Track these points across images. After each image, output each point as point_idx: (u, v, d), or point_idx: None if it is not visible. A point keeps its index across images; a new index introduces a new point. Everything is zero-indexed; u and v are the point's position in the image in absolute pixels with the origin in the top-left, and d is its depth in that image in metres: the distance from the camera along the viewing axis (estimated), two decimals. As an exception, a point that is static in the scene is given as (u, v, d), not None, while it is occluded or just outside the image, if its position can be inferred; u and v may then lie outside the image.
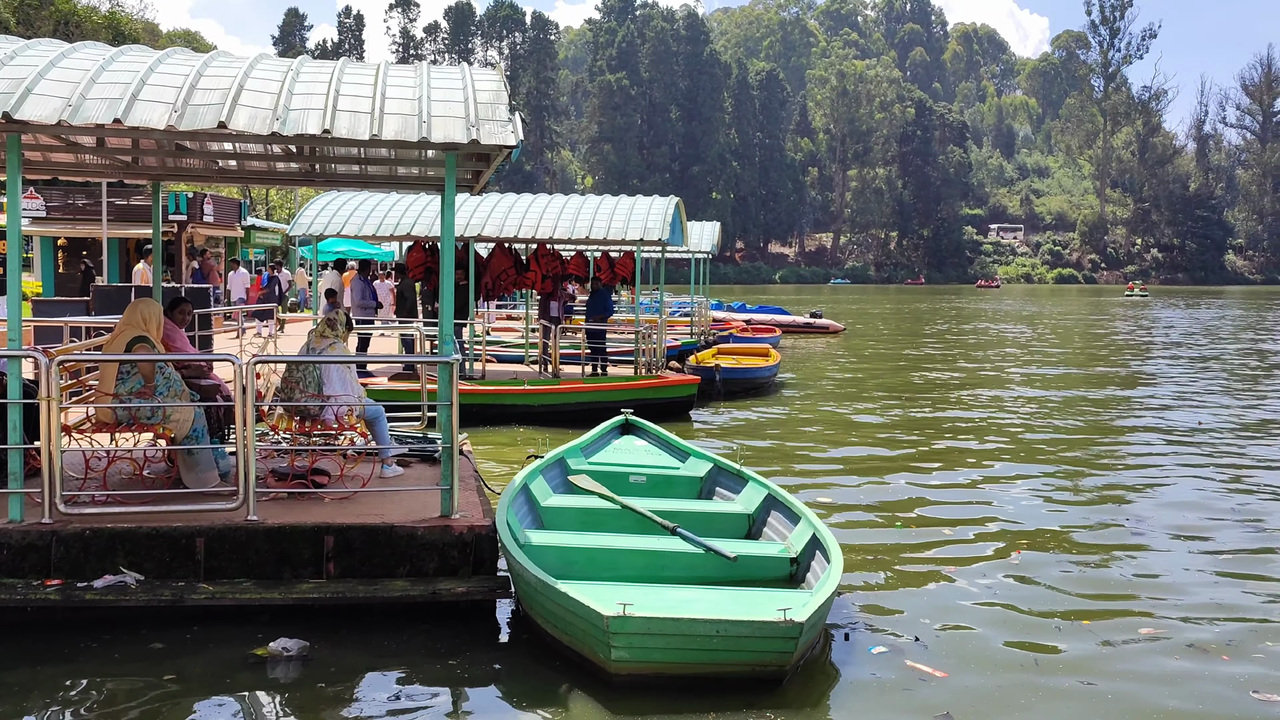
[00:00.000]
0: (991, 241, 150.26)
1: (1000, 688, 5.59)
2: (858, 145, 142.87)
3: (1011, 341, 34.44)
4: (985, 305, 66.04)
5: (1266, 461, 12.56)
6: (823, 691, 5.48)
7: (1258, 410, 17.41)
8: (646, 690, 5.31)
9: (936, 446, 13.43)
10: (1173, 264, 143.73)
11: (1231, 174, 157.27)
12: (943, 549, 8.40)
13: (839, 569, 6.11)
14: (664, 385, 15.40)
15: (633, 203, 16.76)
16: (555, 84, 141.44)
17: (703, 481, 8.54)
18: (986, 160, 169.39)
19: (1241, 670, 5.89)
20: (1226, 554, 8.37)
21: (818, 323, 36.91)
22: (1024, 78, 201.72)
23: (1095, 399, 18.87)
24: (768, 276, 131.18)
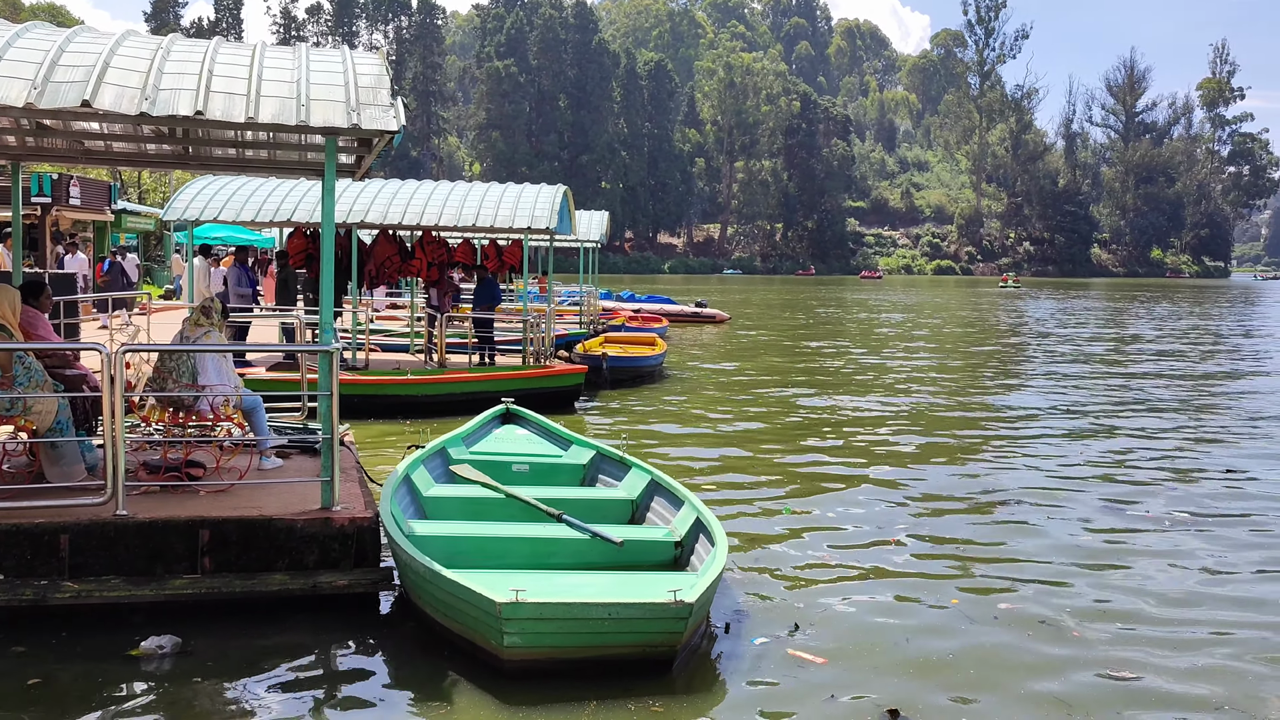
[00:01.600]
0: (873, 233, 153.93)
1: (876, 669, 5.75)
2: (744, 137, 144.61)
3: (893, 330, 35.37)
4: (868, 296, 67.66)
5: (1134, 445, 13.18)
6: (706, 681, 5.55)
7: (1126, 393, 18.25)
8: (538, 676, 5.33)
9: (820, 432, 13.71)
10: (1043, 256, 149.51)
11: (1097, 171, 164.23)
12: (824, 534, 8.59)
13: (724, 551, 6.23)
14: (551, 375, 15.37)
15: (520, 191, 16.65)
16: (442, 70, 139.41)
17: (585, 469, 8.59)
18: (869, 154, 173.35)
19: (1096, 648, 6.18)
20: (1092, 534, 8.76)
21: (704, 312, 37.29)
22: (905, 74, 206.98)
23: (973, 386, 19.51)
24: (656, 267, 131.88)
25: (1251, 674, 5.80)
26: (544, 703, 5.14)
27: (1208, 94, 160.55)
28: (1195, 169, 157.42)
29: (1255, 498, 10.24)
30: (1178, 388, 19.71)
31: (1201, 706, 5.35)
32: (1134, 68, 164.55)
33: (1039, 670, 5.80)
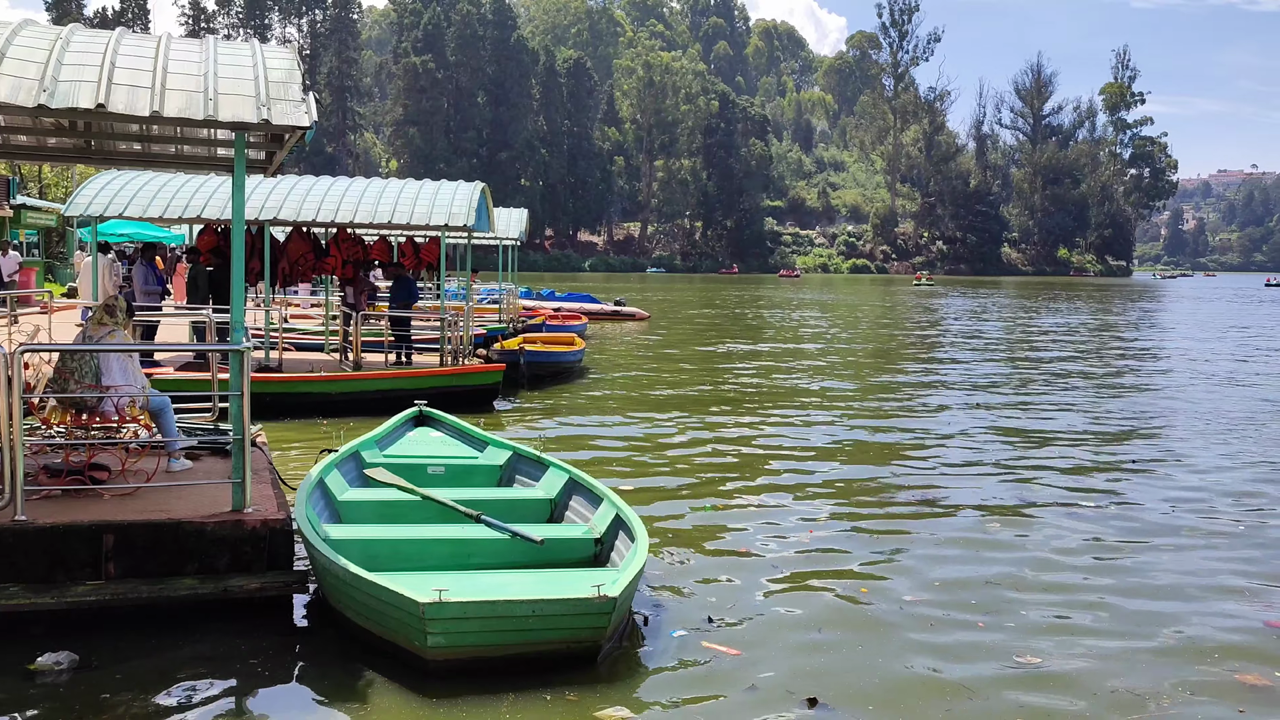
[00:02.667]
0: (791, 232, 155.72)
1: (790, 660, 5.84)
2: (664, 136, 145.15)
3: (812, 328, 35.84)
4: (787, 294, 68.44)
5: (1044, 438, 13.55)
6: (626, 674, 5.58)
7: (1035, 387, 18.76)
8: (461, 675, 5.32)
9: (740, 428, 13.85)
10: (956, 255, 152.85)
11: (1007, 172, 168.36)
12: (741, 528, 8.69)
13: (645, 547, 6.29)
14: (468, 373, 15.26)
15: (437, 187, 16.50)
16: (358, 65, 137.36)
17: (502, 469, 8.57)
18: (786, 154, 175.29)
19: (1002, 635, 6.35)
20: (1002, 526, 8.99)
21: (625, 310, 37.37)
22: (821, 75, 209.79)
23: (888, 382, 19.87)
24: (577, 265, 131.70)
25: (1144, 658, 6.02)
26: (463, 699, 5.13)
27: (1110, 98, 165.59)
28: (1099, 171, 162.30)
29: (1157, 488, 10.61)
30: (1084, 382, 20.32)
31: (1098, 689, 5.53)
32: (1041, 72, 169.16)
33: (945, 657, 5.94)
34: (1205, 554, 8.19)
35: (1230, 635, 6.37)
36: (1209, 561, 7.98)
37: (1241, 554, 8.20)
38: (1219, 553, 8.24)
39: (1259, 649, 6.15)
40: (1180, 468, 11.75)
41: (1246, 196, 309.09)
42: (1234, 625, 6.56)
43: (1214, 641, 6.26)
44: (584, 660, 5.53)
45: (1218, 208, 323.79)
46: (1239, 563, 7.96)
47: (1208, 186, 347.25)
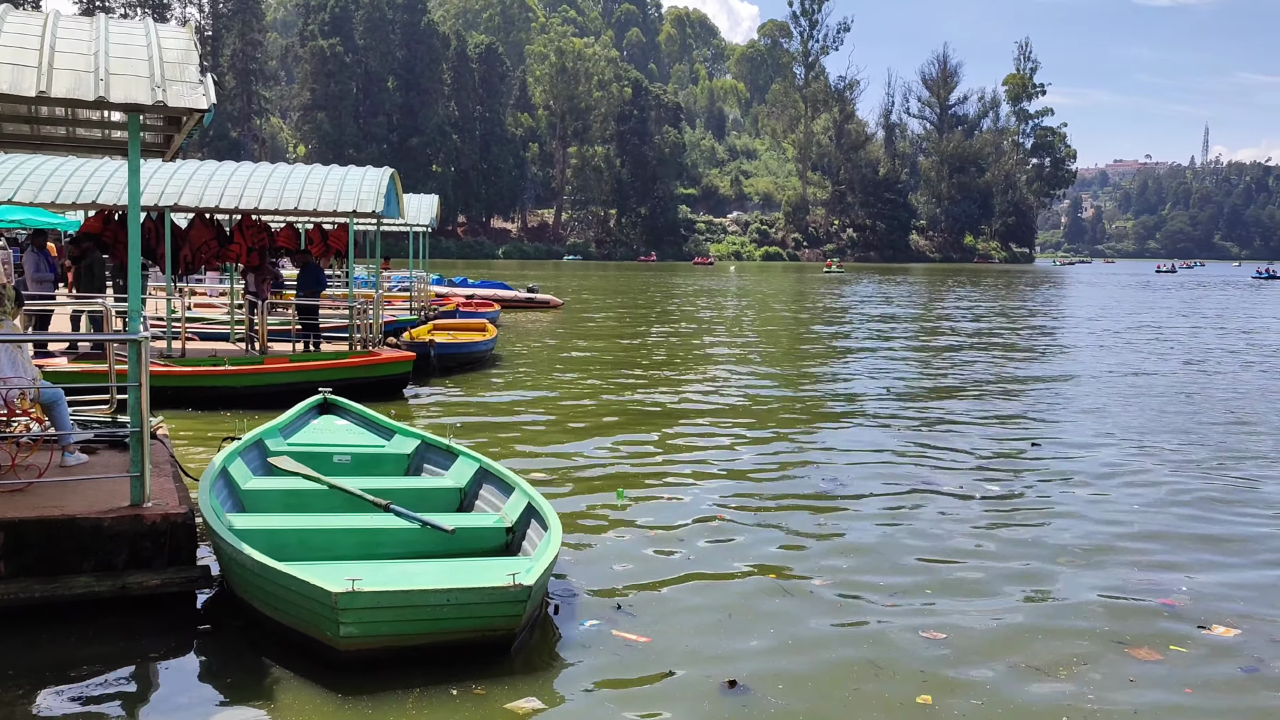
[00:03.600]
0: (704, 220, 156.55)
1: (702, 645, 5.89)
2: (577, 122, 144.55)
3: (724, 315, 36.11)
4: (701, 281, 68.85)
5: (949, 423, 13.86)
6: (537, 663, 5.58)
7: (940, 371, 19.19)
8: (371, 667, 5.27)
9: (653, 415, 13.90)
10: (866, 243, 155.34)
11: (914, 160, 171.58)
12: (652, 515, 8.72)
13: (558, 535, 6.28)
14: (377, 363, 15.03)
15: (345, 173, 16.19)
16: (263, 48, 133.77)
17: (410, 458, 8.48)
18: (699, 142, 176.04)
19: (910, 615, 6.50)
20: (908, 509, 9.18)
21: (538, 297, 37.19)
22: (733, 63, 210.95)
23: (798, 368, 20.13)
24: (490, 252, 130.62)
25: (1042, 633, 6.22)
26: (370, 693, 5.08)
27: (1013, 89, 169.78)
28: (1003, 160, 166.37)
29: (1057, 468, 10.94)
30: (987, 365, 20.85)
31: (999, 663, 5.70)
32: (946, 62, 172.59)
33: (856, 637, 6.07)
34: (1103, 533, 8.47)
35: (1124, 612, 6.61)
36: (1107, 540, 8.27)
37: (1138, 533, 8.51)
38: (1116, 531, 8.54)
39: (1151, 625, 6.39)
40: (1079, 448, 12.13)
41: (1141, 186, 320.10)
42: (1128, 603, 6.81)
43: (1108, 617, 6.49)
44: (497, 650, 5.52)
45: (1114, 196, 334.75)
46: (1135, 541, 8.25)
47: (1105, 176, 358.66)
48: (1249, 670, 5.71)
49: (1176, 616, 6.52)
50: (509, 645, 5.57)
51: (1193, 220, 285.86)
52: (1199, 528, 8.66)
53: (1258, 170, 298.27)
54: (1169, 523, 8.80)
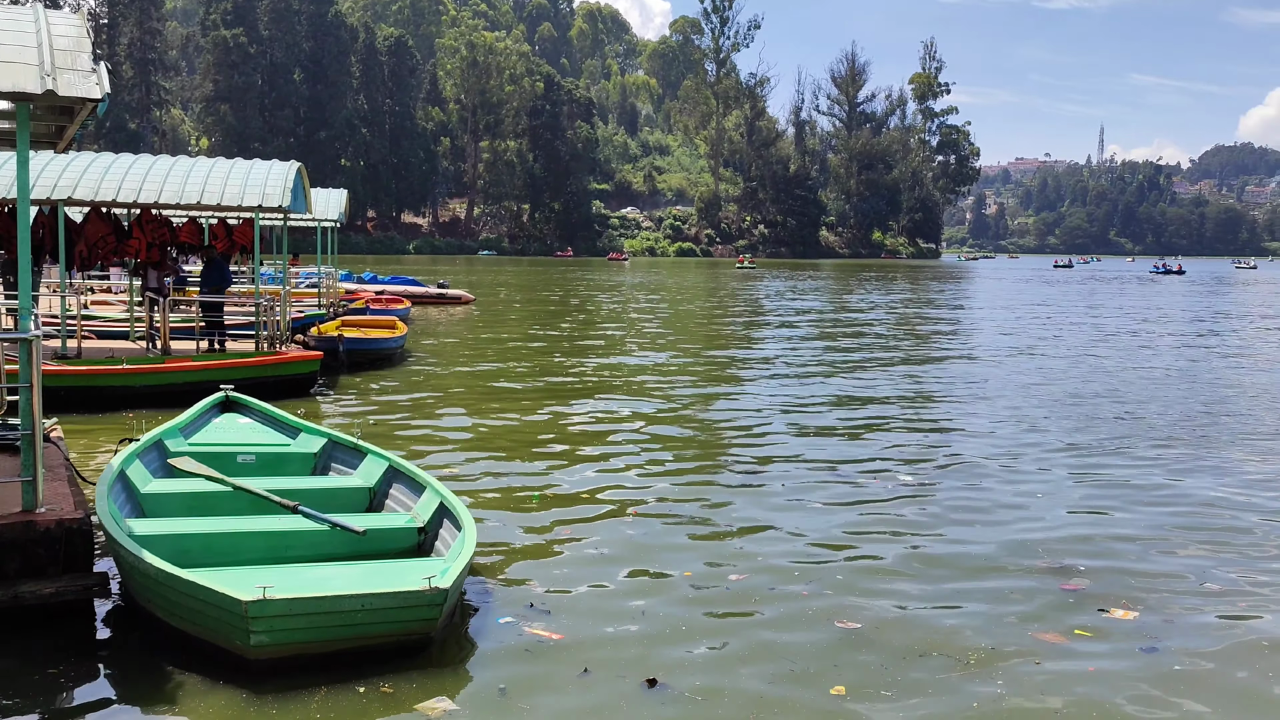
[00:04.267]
0: (618, 216, 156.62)
1: (617, 642, 5.88)
2: (489, 117, 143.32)
3: (638, 310, 36.16)
4: (615, 277, 68.88)
5: (865, 416, 14.08)
6: (449, 666, 5.51)
7: (847, 358, 19.48)
8: (280, 672, 5.15)
9: (566, 412, 13.84)
10: (777, 239, 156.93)
11: (824, 157, 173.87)
12: (566, 511, 8.69)
13: (472, 535, 6.21)
14: (284, 361, 14.70)
15: (249, 166, 15.79)
16: (163, 37, 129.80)
17: (317, 457, 8.30)
18: (612, 137, 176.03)
19: (822, 603, 6.59)
20: (826, 503, 9.30)
21: (449, 293, 36.80)
22: (645, 59, 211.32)
23: (713, 363, 20.26)
24: (401, 247, 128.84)
25: (951, 620, 6.35)
26: (276, 696, 4.97)
27: (919, 88, 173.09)
28: (909, 157, 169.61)
29: (963, 457, 11.19)
30: (895, 354, 21.24)
31: (910, 649, 5.81)
32: (855, 61, 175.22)
33: (771, 628, 6.12)
34: (1010, 521, 8.69)
35: (1030, 598, 6.78)
36: (1014, 528, 8.48)
37: (1041, 521, 8.74)
38: (1020, 518, 8.76)
39: (1056, 610, 6.56)
40: (985, 437, 12.43)
41: (1041, 183, 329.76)
42: (1034, 588, 6.98)
43: (1015, 603, 6.65)
44: (412, 652, 5.44)
45: (1016, 193, 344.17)
46: (1040, 529, 8.47)
47: (1007, 173, 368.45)
48: (1147, 650, 5.91)
49: (1079, 601, 6.71)
50: (425, 647, 5.50)
51: (1090, 217, 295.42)
52: (1098, 514, 8.93)
53: (1149, 169, 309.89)
54: (1069, 509, 9.05)
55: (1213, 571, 7.39)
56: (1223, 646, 6.00)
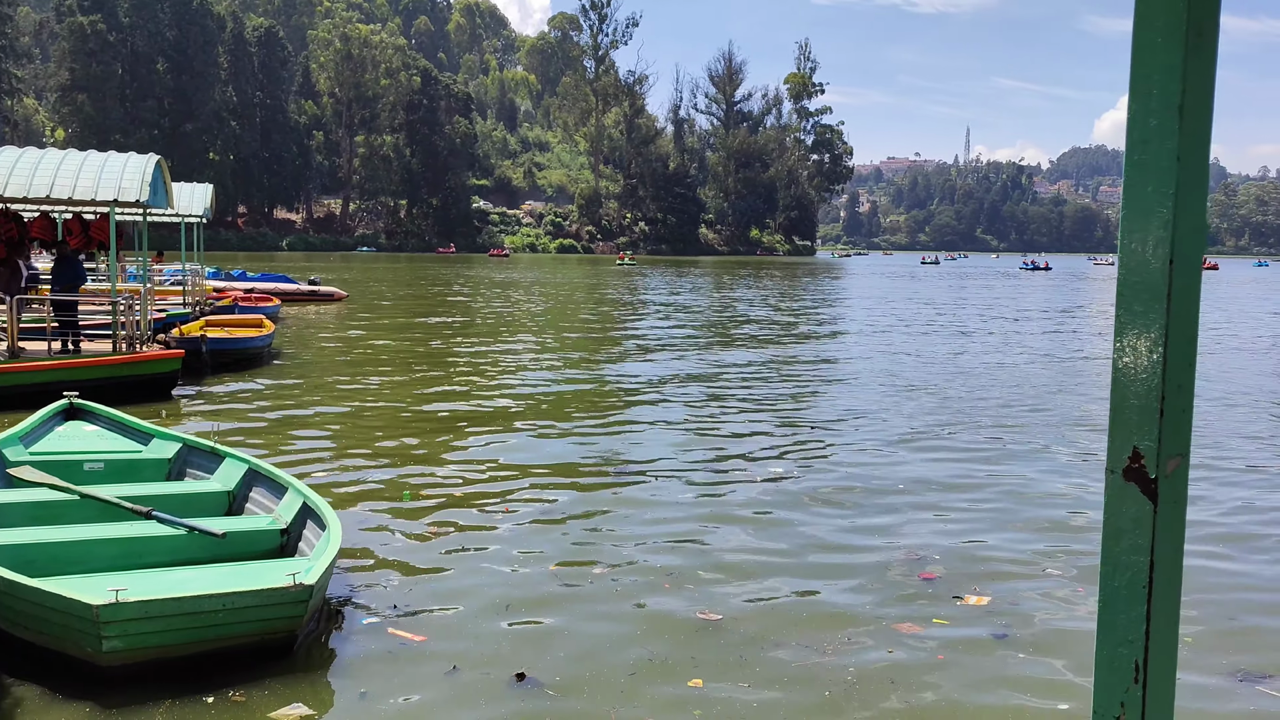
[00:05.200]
0: (498, 211, 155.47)
1: (484, 640, 5.87)
2: (364, 111, 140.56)
3: (517, 307, 35.98)
4: (495, 273, 68.36)
5: (738, 409, 14.30)
6: (308, 670, 5.43)
7: (728, 361, 19.76)
8: (136, 681, 5.01)
9: (440, 409, 13.71)
10: (657, 236, 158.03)
11: (703, 155, 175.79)
12: (436, 511, 8.62)
13: (337, 534, 6.14)
14: (141, 361, 14.17)
15: (105, 159, 15.14)
16: (14, 22, 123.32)
17: (171, 463, 8.04)
18: (491, 133, 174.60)
19: (684, 595, 6.70)
20: (683, 489, 9.42)
21: (321, 290, 36.00)
22: (524, 54, 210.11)
23: (591, 359, 20.30)
24: (274, 243, 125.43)
25: (810, 611, 6.53)
26: (119, 705, 4.82)
27: (794, 88, 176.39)
28: (785, 156, 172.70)
29: (827, 450, 11.48)
30: (765, 349, 21.64)
31: (768, 641, 5.95)
32: (732, 60, 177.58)
33: (634, 621, 6.19)
34: (868, 513, 8.95)
35: (887, 588, 7.00)
36: (871, 520, 8.74)
37: (900, 511, 9.04)
38: (880, 506, 9.04)
39: (913, 600, 6.79)
40: (850, 430, 12.77)
41: (911, 182, 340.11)
42: (891, 578, 7.22)
43: (873, 594, 6.86)
44: (269, 658, 5.33)
45: (888, 192, 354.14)
46: (898, 521, 8.76)
47: (879, 172, 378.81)
48: (999, 635, 6.16)
49: (935, 590, 6.96)
50: (290, 647, 5.40)
51: (958, 215, 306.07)
52: (954, 502, 9.27)
53: (1013, 169, 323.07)
54: (927, 499, 9.38)
55: (1055, 557, 7.76)
56: (1069, 628, 6.31)
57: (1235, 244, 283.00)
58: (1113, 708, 1.04)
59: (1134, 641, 1.02)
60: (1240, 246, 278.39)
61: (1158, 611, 1.02)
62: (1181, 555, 1.04)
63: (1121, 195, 1.02)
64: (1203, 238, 1.00)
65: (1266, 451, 11.83)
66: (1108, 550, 1.03)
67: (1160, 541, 1.01)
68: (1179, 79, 0.95)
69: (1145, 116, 0.97)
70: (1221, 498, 9.51)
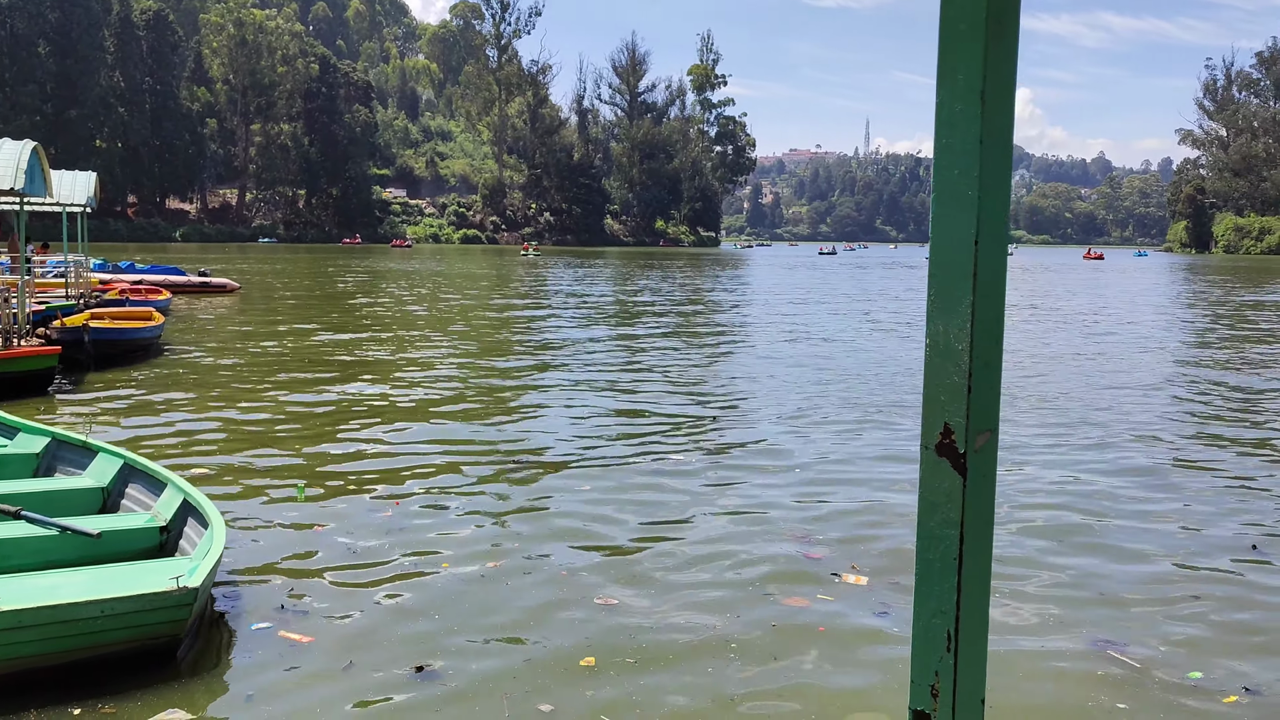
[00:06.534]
0: (400, 201, 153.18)
1: (378, 637, 5.80)
2: (260, 99, 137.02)
3: (418, 299, 35.52)
4: (397, 264, 67.36)
5: (640, 398, 14.34)
6: (188, 676, 5.28)
7: (632, 349, 19.82)
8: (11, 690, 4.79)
9: (329, 404, 13.47)
10: (562, 226, 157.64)
11: (607, 146, 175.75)
12: (326, 507, 8.46)
13: (221, 532, 5.96)
14: (14, 357, 13.60)
15: (-27, 146, 14.51)
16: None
17: (39, 458, 7.73)
18: (393, 122, 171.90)
19: (580, 583, 6.73)
20: (578, 480, 9.43)
21: (213, 282, 35.04)
22: (426, 43, 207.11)
23: (487, 351, 20.15)
24: (166, 234, 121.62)
25: (702, 589, 6.62)
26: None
27: (697, 79, 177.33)
28: (689, 147, 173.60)
29: (723, 437, 11.61)
30: (671, 344, 21.78)
31: (663, 623, 6.01)
32: (635, 51, 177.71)
33: (530, 612, 6.18)
34: (759, 491, 9.08)
35: (777, 566, 7.12)
36: (763, 498, 8.86)
37: (788, 490, 9.18)
38: (769, 484, 9.17)
39: (800, 577, 6.92)
40: (743, 416, 12.93)
41: (813, 174, 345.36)
42: (779, 553, 7.35)
43: (763, 572, 6.97)
44: (150, 665, 5.15)
45: (790, 183, 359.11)
46: (785, 493, 8.90)
47: (781, 164, 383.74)
48: (880, 614, 6.32)
49: (819, 568, 7.10)
50: (173, 653, 5.23)
51: (858, 206, 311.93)
52: (836, 484, 9.44)
53: (911, 161, 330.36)
54: (811, 478, 9.55)
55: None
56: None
57: (1120, 235, 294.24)
58: (928, 676, 1.07)
59: (946, 612, 1.04)
60: (1125, 237, 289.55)
61: (968, 582, 1.04)
62: (991, 528, 1.06)
63: (932, 179, 1.03)
64: (1006, 219, 1.03)
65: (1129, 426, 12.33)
66: (923, 524, 1.06)
67: (970, 515, 1.03)
68: (981, 67, 0.99)
69: (951, 102, 1.01)
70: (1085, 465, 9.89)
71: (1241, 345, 23.03)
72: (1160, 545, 7.73)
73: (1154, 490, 9.40)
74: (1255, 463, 10.70)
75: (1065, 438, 11.76)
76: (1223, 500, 9.11)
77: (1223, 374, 17.90)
